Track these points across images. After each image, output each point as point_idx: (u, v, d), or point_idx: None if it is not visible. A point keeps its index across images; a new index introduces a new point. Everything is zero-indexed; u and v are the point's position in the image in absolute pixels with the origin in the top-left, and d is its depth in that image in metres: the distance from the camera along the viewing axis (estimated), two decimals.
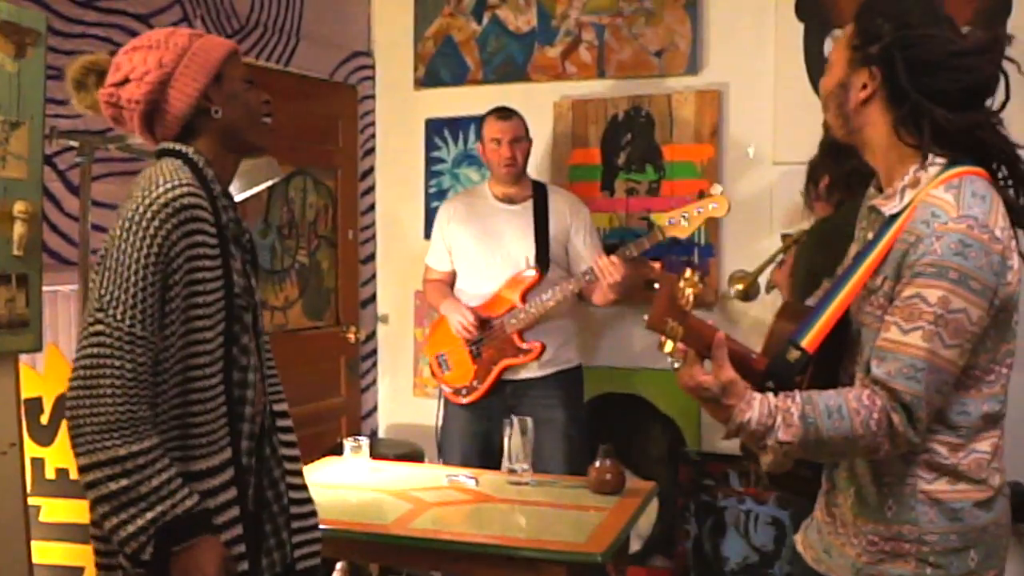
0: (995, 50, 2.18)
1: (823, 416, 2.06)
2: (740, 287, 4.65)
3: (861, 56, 2.19)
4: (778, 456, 2.11)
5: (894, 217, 2.16)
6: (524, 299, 4.52)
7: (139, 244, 2.17)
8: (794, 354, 2.18)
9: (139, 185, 2.26)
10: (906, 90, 2.13)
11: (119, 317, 2.15)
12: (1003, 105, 2.19)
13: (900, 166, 2.20)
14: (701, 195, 4.81)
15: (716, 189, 4.37)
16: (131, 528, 2.13)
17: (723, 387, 2.12)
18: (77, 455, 2.15)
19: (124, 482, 2.12)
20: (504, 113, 4.67)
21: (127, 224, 2.20)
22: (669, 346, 2.18)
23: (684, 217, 4.35)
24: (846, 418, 2.06)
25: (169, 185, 2.22)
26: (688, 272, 2.23)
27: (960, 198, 2.06)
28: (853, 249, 2.39)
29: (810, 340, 2.18)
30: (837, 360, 2.29)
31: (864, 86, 2.19)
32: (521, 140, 4.63)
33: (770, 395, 2.12)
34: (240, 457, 2.33)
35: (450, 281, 4.80)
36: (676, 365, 2.20)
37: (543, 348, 4.52)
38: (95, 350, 2.15)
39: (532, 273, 4.53)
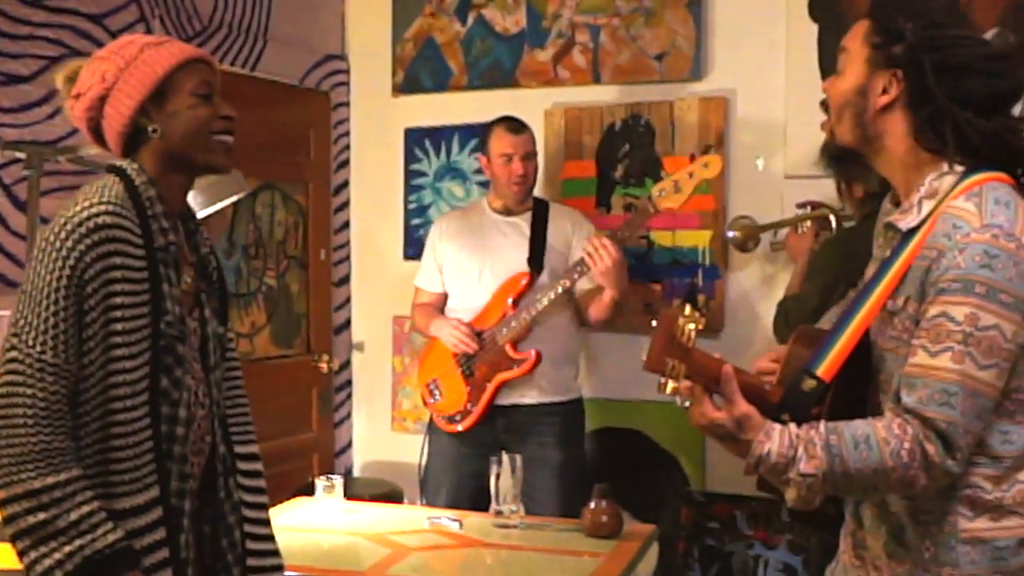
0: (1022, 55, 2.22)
1: (849, 446, 2.07)
2: (738, 234, 4.68)
3: (884, 57, 2.21)
4: (802, 490, 2.11)
5: (912, 232, 2.17)
6: (515, 306, 4.53)
7: (52, 267, 2.18)
8: (810, 383, 2.19)
9: (65, 205, 2.28)
10: (932, 94, 2.15)
11: (31, 343, 2.16)
12: None
13: (917, 176, 2.21)
14: (692, 159, 4.84)
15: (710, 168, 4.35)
16: (48, 563, 2.13)
17: (738, 422, 2.13)
18: None
19: (42, 515, 2.13)
20: (515, 125, 4.66)
21: (43, 245, 2.21)
22: (671, 387, 2.19)
23: (675, 183, 4.30)
24: (874, 448, 2.06)
25: (87, 203, 2.23)
26: (687, 308, 2.22)
27: (982, 207, 2.07)
28: (870, 269, 2.39)
29: (826, 368, 2.19)
30: (861, 390, 2.29)
31: (884, 90, 2.21)
32: (533, 156, 4.65)
33: (791, 425, 2.12)
34: (169, 498, 2.33)
35: (440, 304, 4.80)
36: (686, 404, 2.21)
37: (539, 357, 4.49)
38: (9, 378, 2.17)
39: (523, 277, 4.54)
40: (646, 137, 5.22)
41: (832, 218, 4.40)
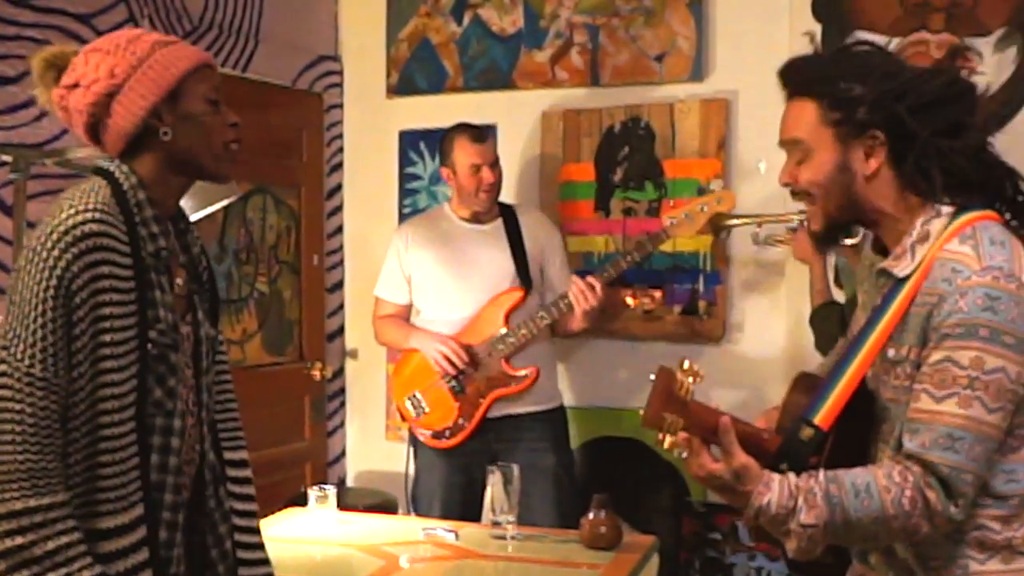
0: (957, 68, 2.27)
1: (849, 495, 2.08)
2: (713, 222, 4.64)
3: (853, 126, 2.20)
4: (803, 541, 2.11)
5: (904, 279, 2.19)
6: (508, 321, 4.55)
7: (39, 277, 2.15)
8: (807, 432, 2.20)
9: (51, 210, 2.26)
10: (915, 136, 2.16)
11: (19, 356, 2.13)
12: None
13: (907, 224, 2.23)
14: (700, 192, 4.90)
15: (716, 185, 4.40)
16: None
17: (736, 473, 2.14)
18: None
19: (19, 540, 2.09)
20: (477, 133, 4.66)
21: (29, 254, 2.18)
22: (668, 440, 2.20)
23: (687, 215, 4.36)
24: (875, 497, 2.07)
25: (73, 211, 2.20)
26: (685, 363, 2.23)
27: (979, 248, 2.09)
28: (860, 316, 2.40)
29: (823, 416, 2.20)
30: (861, 439, 2.30)
31: (867, 156, 2.21)
32: (498, 162, 4.67)
33: (791, 475, 2.13)
34: (160, 513, 2.31)
35: (406, 316, 4.82)
36: (684, 455, 2.22)
37: (538, 373, 4.54)
38: None
39: (517, 293, 4.57)
40: (646, 140, 5.22)
41: None
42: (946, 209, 2.18)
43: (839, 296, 4.18)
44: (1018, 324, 2.04)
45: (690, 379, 2.21)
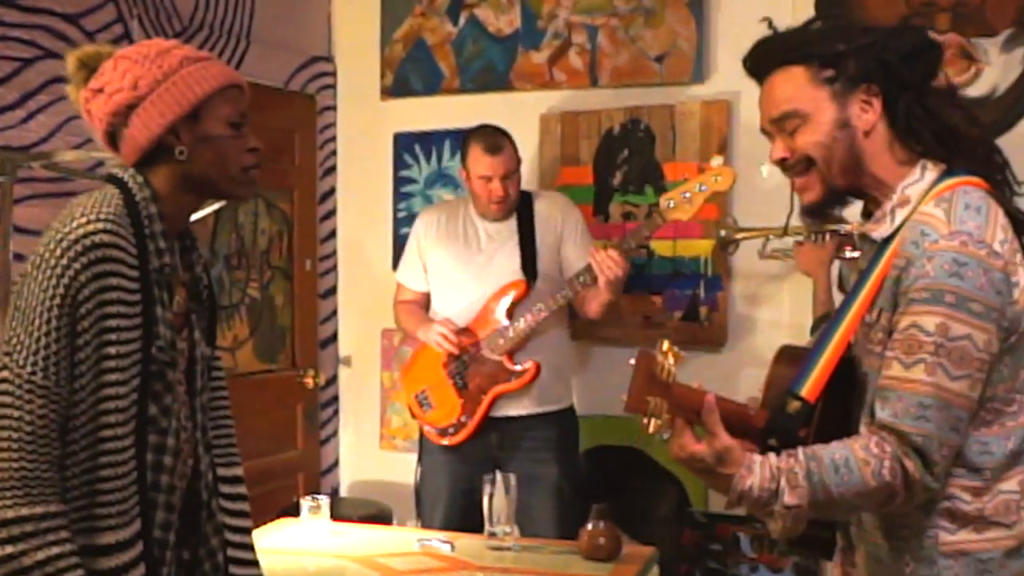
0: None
1: (830, 472, 2.09)
2: (723, 233, 4.61)
3: (846, 81, 2.23)
4: (787, 521, 2.13)
5: (887, 242, 2.20)
6: (511, 316, 4.53)
7: (45, 285, 2.15)
8: (794, 405, 2.22)
9: (61, 216, 2.26)
10: (906, 82, 2.20)
11: (21, 363, 2.13)
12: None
13: (894, 188, 2.25)
14: (701, 171, 4.77)
15: (716, 161, 4.33)
16: None
17: (718, 456, 2.16)
18: None
19: (9, 549, 2.09)
20: (492, 143, 4.56)
21: (37, 261, 2.19)
22: (654, 424, 2.21)
23: (685, 196, 4.27)
24: (855, 471, 2.08)
25: (84, 220, 2.20)
26: (664, 344, 2.23)
27: (951, 212, 2.10)
28: (853, 281, 2.42)
29: (809, 388, 2.22)
30: (849, 408, 2.31)
31: (864, 108, 2.23)
32: (513, 172, 4.58)
33: (772, 456, 2.15)
34: (151, 531, 2.31)
35: (424, 303, 4.81)
36: (665, 436, 2.23)
37: (538, 368, 4.52)
38: None
39: (519, 286, 4.54)
40: (646, 142, 5.22)
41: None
42: (930, 174, 2.20)
43: None
44: (985, 292, 2.05)
45: (671, 360, 2.21)
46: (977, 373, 2.08)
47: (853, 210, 2.41)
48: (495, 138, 4.58)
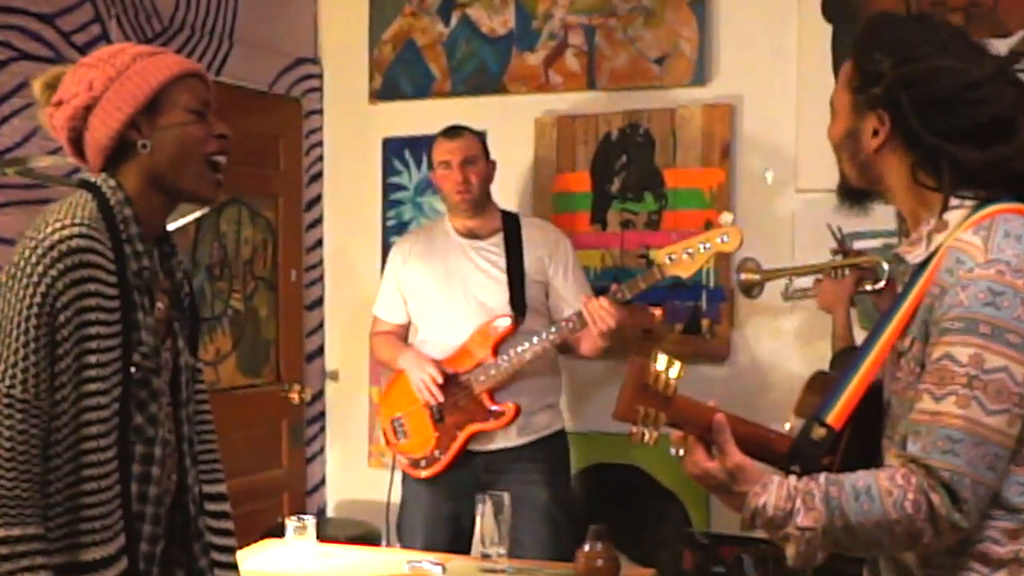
0: (1010, 71, 2.22)
1: (849, 498, 2.07)
2: (744, 277, 4.59)
3: (864, 100, 2.23)
4: (801, 545, 2.11)
5: (923, 267, 2.18)
6: (496, 352, 4.51)
7: (22, 294, 2.16)
8: (819, 432, 2.20)
9: (35, 224, 2.26)
10: (918, 134, 2.16)
11: (0, 377, 2.15)
12: None
13: (925, 210, 2.22)
14: (708, 226, 4.78)
15: (726, 218, 4.34)
16: None
17: (731, 473, 2.16)
18: None
19: None
20: (452, 131, 4.68)
21: (12, 270, 2.20)
22: (647, 435, 2.21)
23: (688, 252, 4.28)
24: (876, 500, 2.05)
25: (59, 225, 2.21)
26: (659, 354, 2.22)
27: (990, 240, 2.07)
28: (886, 306, 2.41)
29: (836, 415, 2.20)
30: (876, 437, 2.30)
31: (875, 132, 2.22)
32: (475, 161, 4.62)
33: (791, 478, 2.14)
34: (139, 545, 2.31)
35: (403, 335, 4.81)
36: (681, 452, 2.23)
37: (518, 410, 4.50)
38: None
39: (506, 322, 4.53)
40: (645, 147, 5.22)
41: (885, 266, 4.08)
42: (968, 201, 2.17)
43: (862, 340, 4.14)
44: (1023, 323, 2.02)
45: (673, 371, 2.20)
46: (1016, 408, 2.03)
47: (871, 243, 2.40)
48: (455, 127, 4.70)
